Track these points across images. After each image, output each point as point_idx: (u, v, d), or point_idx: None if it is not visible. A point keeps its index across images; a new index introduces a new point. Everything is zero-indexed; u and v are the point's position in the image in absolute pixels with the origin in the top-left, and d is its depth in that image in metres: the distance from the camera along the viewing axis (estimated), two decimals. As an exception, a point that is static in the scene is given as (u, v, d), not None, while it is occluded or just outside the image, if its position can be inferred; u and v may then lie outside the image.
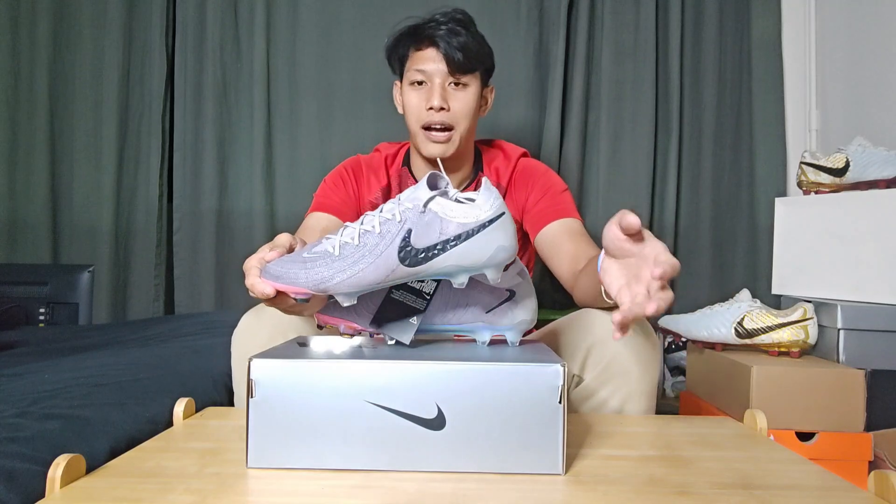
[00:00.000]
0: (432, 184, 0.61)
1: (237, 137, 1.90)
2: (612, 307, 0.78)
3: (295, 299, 0.61)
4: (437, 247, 0.59)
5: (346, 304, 0.60)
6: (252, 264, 0.64)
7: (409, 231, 0.58)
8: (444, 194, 0.60)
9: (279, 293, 0.61)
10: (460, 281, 0.61)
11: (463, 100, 1.07)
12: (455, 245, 0.59)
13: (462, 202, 0.60)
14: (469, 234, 0.59)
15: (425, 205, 0.58)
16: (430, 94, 1.05)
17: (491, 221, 0.59)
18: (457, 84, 1.06)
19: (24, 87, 1.90)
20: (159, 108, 1.89)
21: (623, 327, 0.56)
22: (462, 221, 0.59)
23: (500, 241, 0.60)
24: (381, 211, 0.61)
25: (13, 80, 1.90)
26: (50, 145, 1.90)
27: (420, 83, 1.07)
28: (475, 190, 0.68)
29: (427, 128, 1.06)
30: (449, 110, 1.06)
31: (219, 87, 1.89)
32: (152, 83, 1.90)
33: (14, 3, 1.89)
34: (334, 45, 1.90)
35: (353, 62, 1.89)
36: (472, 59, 1.06)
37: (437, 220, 0.58)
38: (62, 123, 1.91)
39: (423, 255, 0.59)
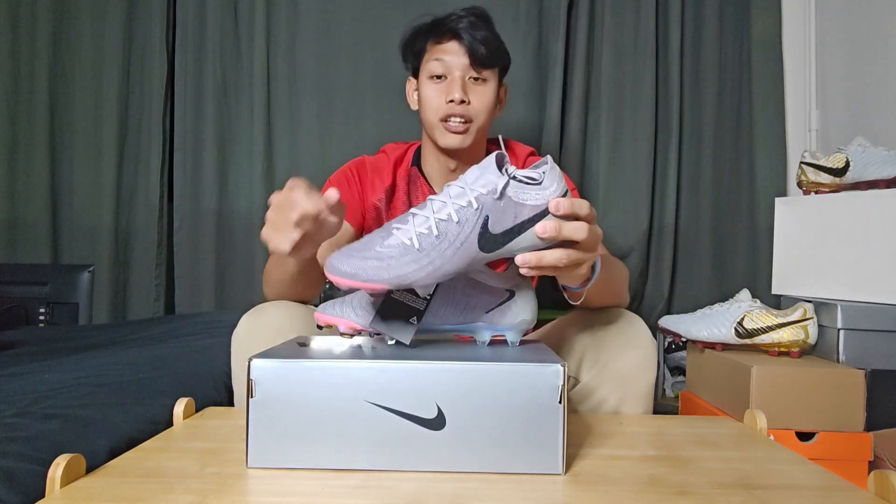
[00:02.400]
0: (499, 163, 0.60)
1: (237, 137, 1.90)
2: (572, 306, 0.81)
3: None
4: (514, 230, 0.59)
5: (421, 294, 0.61)
6: (293, 218, 0.65)
7: (487, 218, 0.58)
8: (514, 177, 0.60)
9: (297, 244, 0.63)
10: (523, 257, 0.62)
11: (482, 94, 1.07)
12: (530, 227, 0.60)
13: (527, 182, 0.60)
14: (541, 216, 0.59)
15: (502, 192, 0.58)
16: (451, 87, 1.05)
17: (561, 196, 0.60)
18: (476, 79, 1.06)
19: (24, 87, 1.90)
20: (159, 108, 1.89)
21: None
22: (535, 204, 0.59)
23: (535, 228, 0.60)
24: (449, 196, 0.60)
25: (13, 80, 1.90)
26: (50, 145, 1.90)
27: (439, 77, 1.06)
28: None
29: (445, 119, 1.06)
30: (469, 104, 1.05)
31: (219, 87, 1.88)
32: (152, 83, 1.89)
33: (14, 3, 1.89)
34: (334, 45, 1.89)
35: (353, 62, 1.89)
36: (493, 54, 1.06)
37: (511, 205, 0.59)
38: (62, 123, 1.91)
39: (501, 240, 0.59)
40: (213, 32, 1.87)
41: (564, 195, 0.60)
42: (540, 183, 0.60)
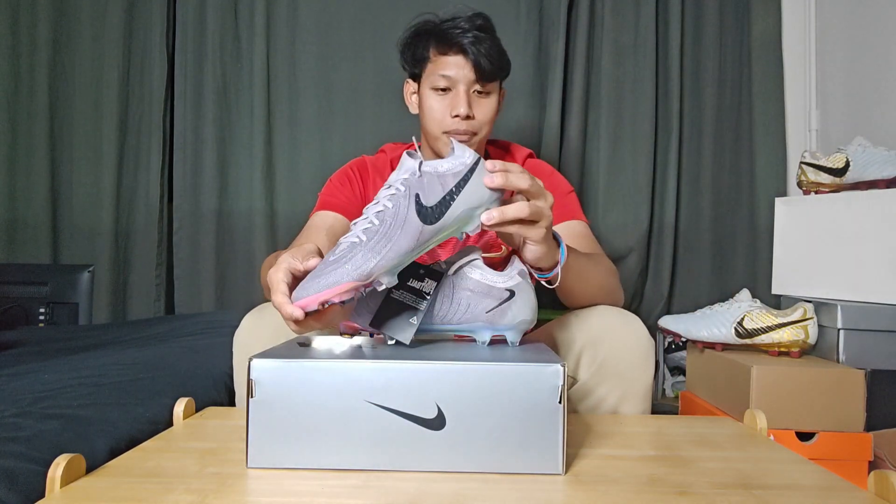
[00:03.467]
0: (411, 156, 0.66)
1: (237, 137, 1.90)
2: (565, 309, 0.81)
3: (341, 303, 0.61)
4: (446, 198, 0.64)
5: (388, 286, 0.63)
6: (279, 278, 0.63)
7: (417, 195, 0.63)
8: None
9: (308, 314, 0.62)
10: (475, 224, 0.66)
11: (486, 107, 1.07)
12: (459, 191, 0.64)
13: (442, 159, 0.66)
14: (465, 179, 0.64)
15: (419, 170, 0.64)
16: (456, 101, 1.04)
17: (475, 164, 0.65)
18: (480, 92, 1.06)
19: (24, 87, 1.90)
20: (159, 108, 1.89)
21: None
22: (455, 171, 0.64)
23: (483, 179, 0.65)
24: (381, 194, 0.65)
25: (13, 80, 1.90)
26: (50, 145, 1.90)
27: (443, 90, 1.06)
28: None
29: (448, 132, 1.06)
30: (474, 118, 1.05)
31: (219, 87, 1.88)
32: (152, 83, 1.89)
33: (14, 3, 1.89)
34: (334, 45, 1.89)
35: (353, 62, 1.89)
36: (498, 67, 1.05)
37: (434, 179, 0.64)
38: (62, 123, 1.91)
39: (437, 209, 0.63)
40: (213, 33, 1.87)
41: (477, 160, 0.65)
42: (452, 154, 0.66)
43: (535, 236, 0.70)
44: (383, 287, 0.63)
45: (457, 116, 1.04)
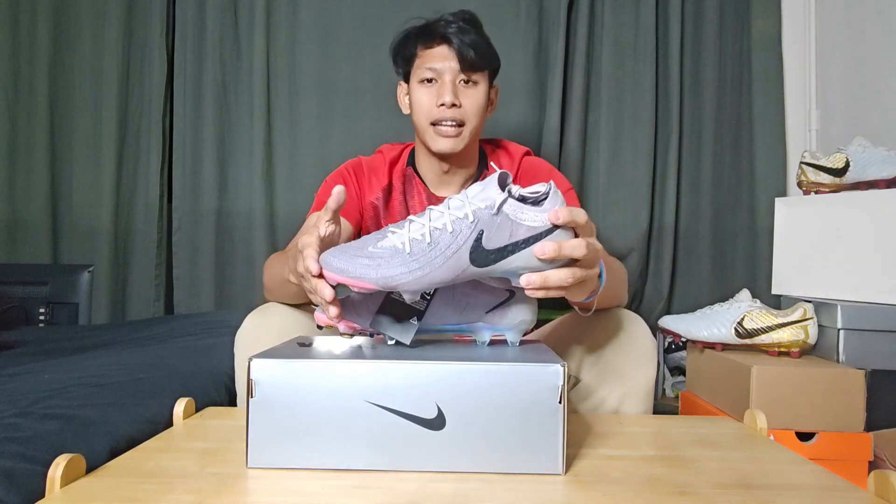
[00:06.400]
0: (502, 182, 0.60)
1: (237, 137, 1.90)
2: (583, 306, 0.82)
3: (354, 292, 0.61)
4: (508, 249, 0.59)
5: (408, 300, 0.61)
6: (310, 241, 0.63)
7: (482, 232, 0.58)
8: (515, 196, 0.60)
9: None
10: (515, 283, 0.62)
11: (473, 97, 1.07)
12: (524, 248, 0.59)
13: (528, 200, 0.60)
14: (537, 238, 0.59)
15: (499, 207, 0.58)
16: (442, 90, 1.05)
17: (557, 226, 0.60)
18: (467, 82, 1.06)
19: (24, 87, 1.90)
20: (159, 108, 1.89)
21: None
22: (532, 225, 0.59)
23: (534, 248, 0.60)
24: (448, 207, 0.60)
25: (13, 80, 1.90)
26: (50, 145, 1.90)
27: (430, 81, 1.07)
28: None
29: (436, 123, 1.06)
30: (460, 107, 1.06)
31: (219, 87, 1.88)
32: (152, 83, 1.89)
33: (14, 3, 1.89)
34: (334, 45, 1.89)
35: (353, 62, 1.89)
36: (483, 57, 1.06)
37: (507, 223, 0.59)
38: (62, 123, 1.91)
39: (493, 256, 0.59)
40: (213, 32, 1.87)
41: (554, 228, 0.60)
42: (540, 205, 0.60)
43: (578, 297, 0.69)
44: (409, 299, 0.63)
45: (442, 105, 1.05)
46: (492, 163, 1.12)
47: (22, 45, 1.90)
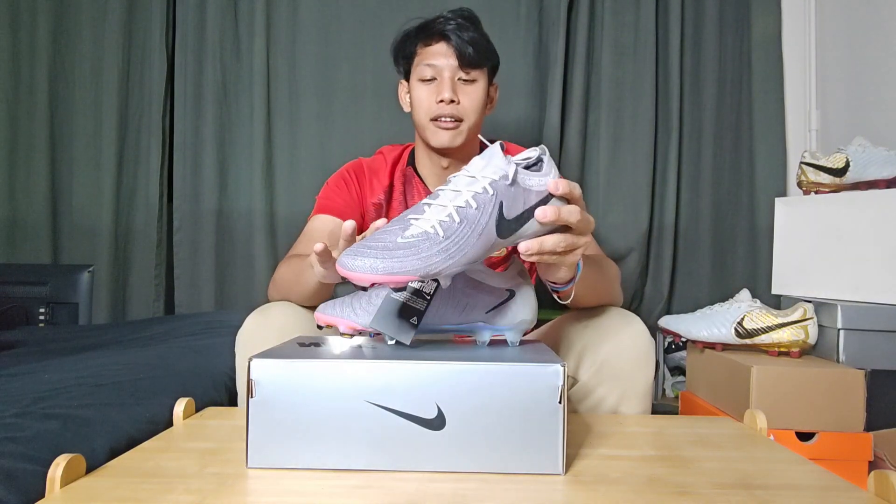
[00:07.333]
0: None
1: (237, 137, 1.90)
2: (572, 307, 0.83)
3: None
4: (524, 216, 0.61)
5: (445, 286, 0.60)
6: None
7: (502, 203, 0.59)
8: (518, 164, 0.62)
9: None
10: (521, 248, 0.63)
11: (472, 94, 1.08)
12: (532, 214, 0.61)
13: (527, 168, 0.63)
14: (543, 201, 0.62)
15: (513, 178, 0.59)
16: (441, 87, 1.06)
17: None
18: (466, 79, 1.07)
19: (24, 87, 1.90)
20: (159, 108, 1.89)
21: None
22: (539, 190, 0.61)
23: (535, 213, 0.62)
24: (461, 185, 0.60)
25: (13, 80, 1.90)
26: (50, 145, 1.90)
27: (430, 79, 1.08)
28: None
29: (435, 119, 1.07)
30: (459, 103, 1.07)
31: (219, 87, 1.88)
32: (152, 83, 1.89)
33: (14, 3, 1.89)
34: (334, 45, 1.89)
35: (353, 62, 1.89)
36: (481, 54, 1.07)
37: (521, 191, 0.60)
38: (62, 123, 1.91)
39: (514, 225, 0.60)
40: (213, 32, 1.87)
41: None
42: (540, 170, 0.62)
43: (558, 277, 0.72)
44: (435, 287, 0.63)
45: (441, 101, 1.06)
46: (480, 136, 1.12)
47: (22, 45, 1.90)
